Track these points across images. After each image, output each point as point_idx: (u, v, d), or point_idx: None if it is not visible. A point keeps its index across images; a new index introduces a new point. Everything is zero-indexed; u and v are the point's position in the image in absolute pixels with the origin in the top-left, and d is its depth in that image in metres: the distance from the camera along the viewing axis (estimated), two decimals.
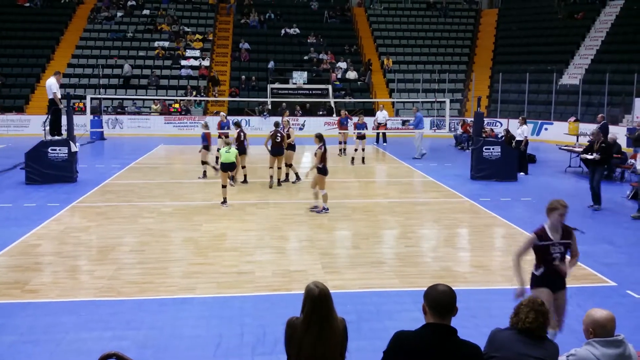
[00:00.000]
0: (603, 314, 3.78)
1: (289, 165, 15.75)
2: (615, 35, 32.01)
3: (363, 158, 20.02)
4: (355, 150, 20.16)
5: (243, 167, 15.51)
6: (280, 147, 15.09)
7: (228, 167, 12.79)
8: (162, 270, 8.57)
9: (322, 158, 12.11)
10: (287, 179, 15.80)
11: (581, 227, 11.48)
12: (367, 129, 20.71)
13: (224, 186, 12.80)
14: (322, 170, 12.15)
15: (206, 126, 16.73)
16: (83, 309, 7.08)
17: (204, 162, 16.30)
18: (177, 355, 6.01)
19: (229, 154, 12.75)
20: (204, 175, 16.27)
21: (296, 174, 15.81)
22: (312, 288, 3.61)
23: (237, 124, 16.36)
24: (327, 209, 12.18)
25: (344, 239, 10.69)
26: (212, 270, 8.55)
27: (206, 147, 16.28)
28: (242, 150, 15.14)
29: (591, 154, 12.82)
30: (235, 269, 8.64)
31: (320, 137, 12.50)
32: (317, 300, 3.57)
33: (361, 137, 20.32)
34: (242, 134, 15.63)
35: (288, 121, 16.89)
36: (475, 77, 31.10)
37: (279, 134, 15.08)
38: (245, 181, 15.52)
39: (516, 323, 3.81)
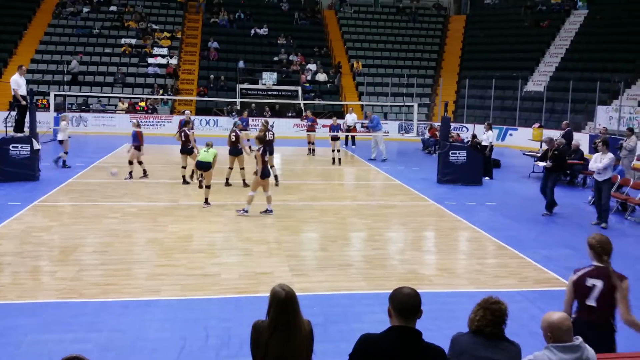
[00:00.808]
0: (557, 316, 3.82)
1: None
2: (579, 43, 32.84)
3: (340, 159, 20.18)
4: (333, 151, 20.29)
5: (183, 167, 15.37)
6: (235, 146, 14.99)
7: (203, 167, 12.59)
8: (126, 271, 8.44)
9: (262, 160, 11.84)
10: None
11: (542, 231, 11.77)
12: (341, 130, 20.88)
13: (207, 187, 12.66)
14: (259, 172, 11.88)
15: (137, 125, 16.31)
16: (44, 310, 6.92)
17: (131, 162, 15.74)
18: (140, 358, 5.91)
19: (207, 153, 12.60)
20: (130, 175, 15.70)
21: (275, 176, 15.62)
22: (278, 291, 3.60)
23: (187, 123, 16.11)
24: (247, 211, 11.93)
25: (311, 241, 10.69)
26: (177, 272, 8.45)
27: (137, 147, 15.69)
28: (185, 150, 15.18)
29: (545, 161, 13.05)
30: (201, 270, 8.55)
31: (261, 140, 12.18)
32: (283, 303, 3.56)
33: (335, 138, 20.44)
34: (183, 133, 15.45)
35: (265, 122, 16.58)
36: (443, 82, 31.52)
37: (233, 134, 15.02)
38: (185, 182, 15.27)
39: (470, 325, 3.77)
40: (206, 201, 12.65)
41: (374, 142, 21.82)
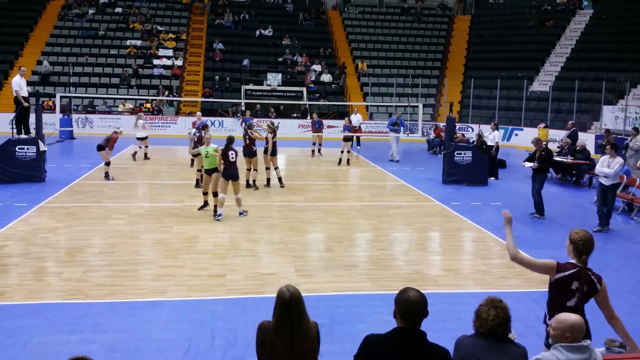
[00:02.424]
0: (576, 318, 3.77)
1: (267, 169, 15.66)
2: (584, 43, 32.72)
3: (348, 160, 20.13)
4: (342, 152, 20.24)
5: (199, 170, 15.38)
6: (250, 148, 14.99)
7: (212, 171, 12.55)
8: (131, 272, 8.45)
9: (224, 158, 11.76)
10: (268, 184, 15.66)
11: (548, 232, 11.73)
12: (354, 130, 20.95)
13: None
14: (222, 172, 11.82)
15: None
16: (50, 311, 6.94)
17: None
18: (146, 358, 5.93)
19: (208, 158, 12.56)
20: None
21: (279, 178, 15.70)
22: (284, 292, 3.60)
23: (205, 126, 16.20)
24: (220, 215, 11.77)
25: (317, 241, 10.69)
26: (183, 273, 8.47)
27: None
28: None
29: (533, 162, 12.97)
30: (207, 271, 8.57)
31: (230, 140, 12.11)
32: (289, 304, 3.57)
33: (348, 139, 20.40)
34: (195, 135, 15.58)
35: (271, 124, 16.40)
36: (448, 82, 31.46)
37: (247, 136, 15.04)
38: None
39: (480, 326, 3.70)
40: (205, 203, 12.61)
41: (393, 143, 21.77)
